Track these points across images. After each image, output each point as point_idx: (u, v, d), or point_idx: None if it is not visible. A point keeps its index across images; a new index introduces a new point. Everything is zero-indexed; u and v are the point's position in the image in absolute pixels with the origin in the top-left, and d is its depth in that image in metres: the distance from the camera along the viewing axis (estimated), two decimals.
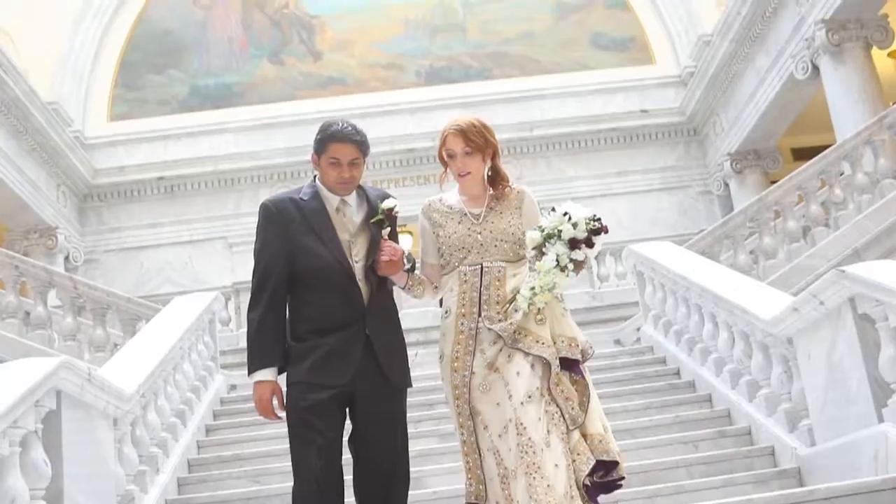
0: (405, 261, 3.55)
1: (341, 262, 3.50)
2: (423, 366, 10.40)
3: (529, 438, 3.33)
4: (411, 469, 5.83)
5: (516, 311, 3.44)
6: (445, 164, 3.64)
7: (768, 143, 15.48)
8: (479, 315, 3.50)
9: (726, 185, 16.13)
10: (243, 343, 3.96)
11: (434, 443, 6.75)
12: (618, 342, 10.40)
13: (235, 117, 17.09)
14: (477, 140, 3.54)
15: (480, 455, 3.46)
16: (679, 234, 14.74)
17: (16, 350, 8.53)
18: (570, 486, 3.31)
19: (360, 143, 3.54)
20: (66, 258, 15.51)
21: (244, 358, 3.77)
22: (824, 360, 5.12)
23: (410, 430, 6.69)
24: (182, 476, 6.33)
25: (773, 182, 11.95)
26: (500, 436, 3.39)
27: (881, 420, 4.65)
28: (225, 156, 16.80)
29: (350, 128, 3.53)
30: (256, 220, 3.65)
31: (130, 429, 5.52)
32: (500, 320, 3.48)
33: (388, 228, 3.58)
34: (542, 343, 3.43)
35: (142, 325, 8.95)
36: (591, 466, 3.36)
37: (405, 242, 17.97)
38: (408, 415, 6.91)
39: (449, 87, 17.32)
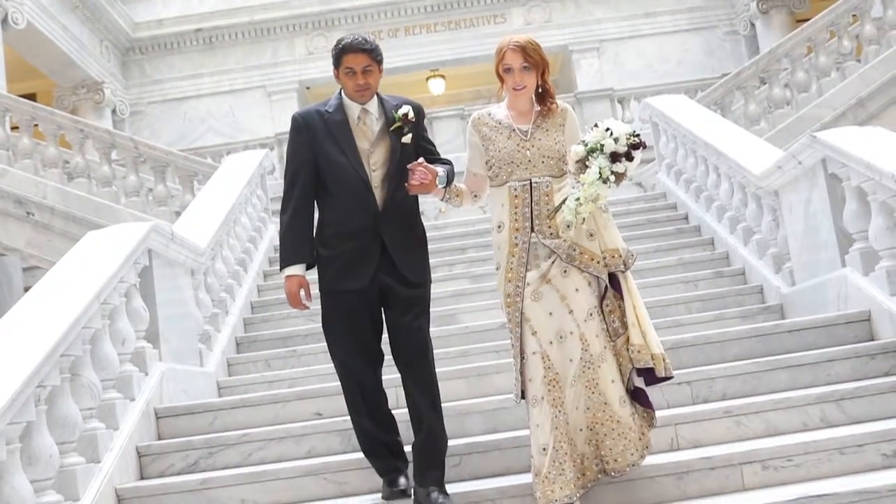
0: (438, 181, 3.80)
1: (357, 169, 3.83)
2: (458, 212, 11.21)
3: (591, 355, 3.62)
4: (446, 308, 6.74)
5: (567, 225, 3.65)
6: (501, 80, 3.83)
7: None
8: (532, 230, 3.73)
9: (752, 25, 16.23)
10: None
11: (466, 283, 7.60)
12: (639, 185, 11.01)
13: None
14: (535, 56, 3.75)
15: (524, 359, 3.70)
16: (702, 79, 15.10)
17: (86, 206, 9.37)
18: (623, 394, 3.66)
19: (371, 51, 3.81)
20: (113, 111, 16.25)
21: None
22: (802, 211, 5.87)
23: (445, 272, 7.62)
24: (247, 317, 7.24)
25: (801, 22, 12.12)
26: (550, 342, 3.64)
27: (843, 265, 5.45)
28: (260, 6, 17.13)
29: (360, 38, 3.82)
30: (293, 68, 3.99)
31: (203, 277, 6.42)
32: (551, 234, 3.70)
33: (409, 134, 3.89)
34: (597, 262, 3.67)
35: (197, 181, 9.72)
36: (628, 375, 3.69)
37: (437, 86, 18.45)
38: (443, 258, 7.73)
39: None
